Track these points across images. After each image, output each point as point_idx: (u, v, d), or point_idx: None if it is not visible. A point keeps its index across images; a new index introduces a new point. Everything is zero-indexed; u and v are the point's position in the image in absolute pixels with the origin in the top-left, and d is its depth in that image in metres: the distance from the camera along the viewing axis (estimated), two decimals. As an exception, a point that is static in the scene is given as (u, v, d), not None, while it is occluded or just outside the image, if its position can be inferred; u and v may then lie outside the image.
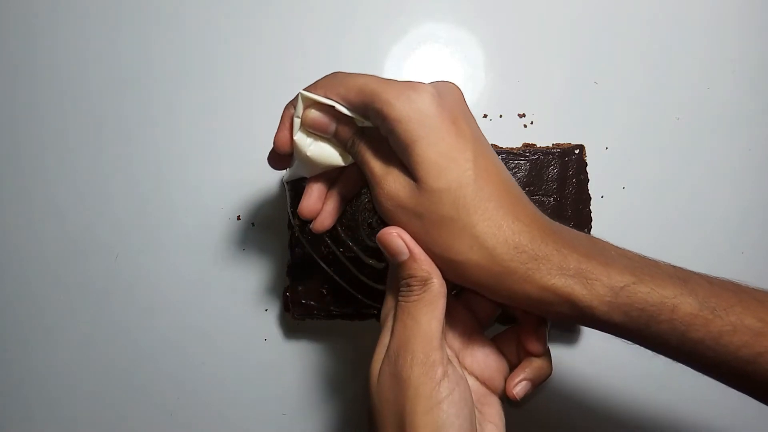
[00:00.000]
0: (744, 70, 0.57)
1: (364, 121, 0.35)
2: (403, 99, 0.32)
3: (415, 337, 0.32)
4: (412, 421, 0.30)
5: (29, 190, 0.58)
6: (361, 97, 0.33)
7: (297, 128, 0.36)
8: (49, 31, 0.59)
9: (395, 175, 0.33)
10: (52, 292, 0.57)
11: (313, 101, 0.35)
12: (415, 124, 0.32)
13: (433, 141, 0.32)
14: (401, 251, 0.33)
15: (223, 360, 0.55)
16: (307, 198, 0.39)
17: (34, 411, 0.56)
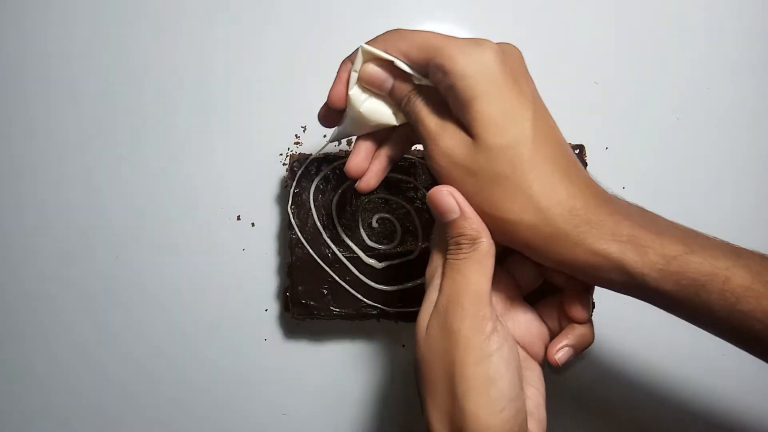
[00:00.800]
0: (744, 70, 0.57)
1: (422, 79, 0.34)
2: (467, 54, 0.32)
3: (465, 292, 0.32)
4: (462, 372, 0.31)
5: (29, 190, 0.58)
6: (423, 53, 0.33)
7: (353, 83, 0.37)
8: (48, 32, 0.59)
9: (451, 131, 0.33)
10: (52, 292, 0.57)
11: (373, 56, 0.35)
12: (477, 80, 0.31)
13: (494, 98, 0.32)
14: (452, 209, 0.33)
15: (223, 360, 0.55)
16: (355, 156, 0.39)
17: (33, 411, 0.56)
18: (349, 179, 0.49)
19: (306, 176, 0.50)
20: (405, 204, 0.50)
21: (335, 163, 0.50)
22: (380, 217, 0.50)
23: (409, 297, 0.49)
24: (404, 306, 0.49)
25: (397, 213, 0.50)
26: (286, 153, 0.56)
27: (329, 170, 0.50)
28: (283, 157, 0.56)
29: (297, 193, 0.50)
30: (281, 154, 0.57)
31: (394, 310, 0.49)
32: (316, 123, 0.56)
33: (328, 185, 0.50)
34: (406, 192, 0.50)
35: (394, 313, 0.49)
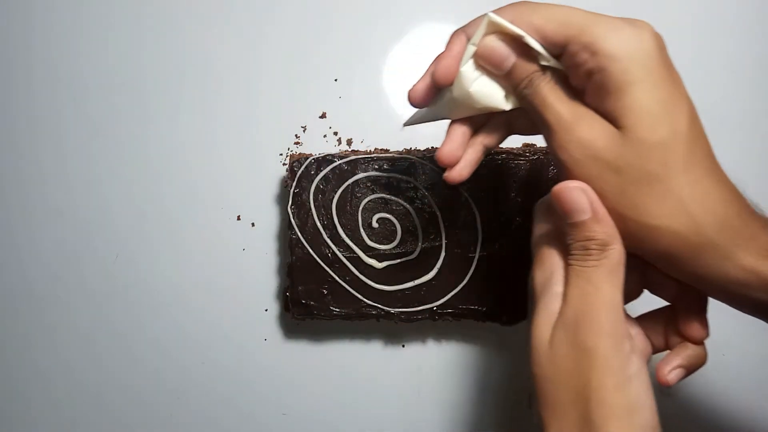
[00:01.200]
0: (744, 71, 0.57)
1: (551, 60, 0.30)
2: (623, 34, 0.28)
3: (598, 306, 0.29)
4: (601, 397, 0.27)
5: (29, 190, 0.58)
6: (563, 29, 0.29)
7: (468, 57, 0.32)
8: (48, 32, 0.59)
9: (591, 120, 0.29)
10: (52, 292, 0.57)
11: (499, 28, 0.31)
12: (634, 64, 0.28)
13: (652, 86, 0.28)
14: (583, 209, 0.29)
15: (223, 360, 0.55)
16: (450, 143, 0.35)
17: (33, 411, 0.56)
18: (349, 179, 0.50)
19: (306, 176, 0.50)
20: (405, 204, 0.50)
21: (335, 163, 0.50)
22: (380, 217, 0.50)
23: (409, 297, 0.49)
24: (404, 306, 0.49)
25: (397, 213, 0.50)
26: (286, 153, 0.56)
27: (329, 170, 0.50)
28: (283, 157, 0.57)
29: (297, 193, 0.50)
30: (281, 154, 0.57)
31: (394, 310, 0.49)
32: (316, 123, 0.57)
33: (328, 185, 0.50)
34: (406, 192, 0.50)
35: (394, 313, 0.49)
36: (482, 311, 0.49)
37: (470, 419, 0.54)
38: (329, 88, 0.57)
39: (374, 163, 0.50)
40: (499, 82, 0.33)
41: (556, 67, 0.31)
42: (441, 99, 0.34)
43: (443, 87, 0.34)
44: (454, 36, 0.33)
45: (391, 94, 0.57)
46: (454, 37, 0.33)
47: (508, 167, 0.50)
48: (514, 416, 0.54)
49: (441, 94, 0.34)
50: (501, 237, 0.49)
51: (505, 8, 0.31)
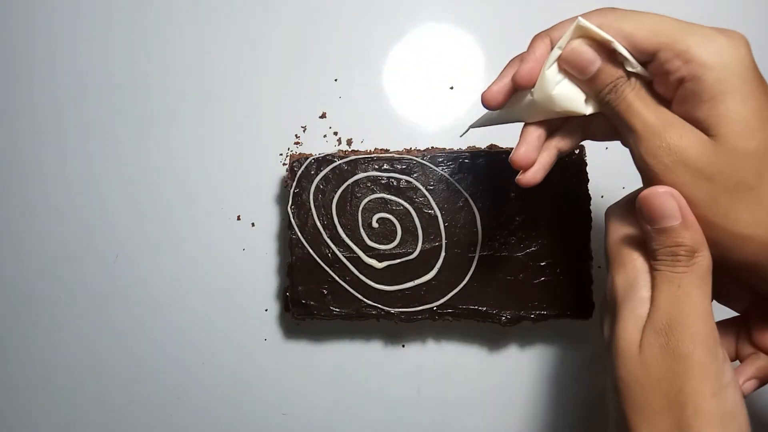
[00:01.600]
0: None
1: (637, 66, 0.30)
2: (718, 44, 0.28)
3: (690, 312, 0.29)
4: (698, 403, 0.27)
5: (29, 190, 0.58)
6: (655, 37, 0.29)
7: (552, 61, 0.32)
8: (48, 32, 0.59)
9: (682, 127, 0.29)
10: (52, 292, 0.57)
11: (586, 33, 0.31)
12: (729, 73, 0.28)
13: (746, 95, 0.28)
14: (673, 214, 0.29)
15: (223, 360, 0.55)
16: (525, 145, 0.34)
17: (33, 410, 0.56)
18: (349, 179, 0.50)
19: (306, 176, 0.50)
20: (405, 204, 0.50)
21: (335, 163, 0.50)
22: (380, 217, 0.50)
23: (409, 297, 0.49)
24: (404, 306, 0.49)
25: (397, 213, 0.50)
26: (286, 153, 0.57)
27: (329, 170, 0.50)
28: (283, 157, 0.57)
29: (297, 193, 0.50)
30: (281, 154, 0.57)
31: (394, 310, 0.49)
32: (316, 123, 0.57)
33: (328, 185, 0.50)
34: (406, 192, 0.50)
35: (394, 313, 0.49)
36: (482, 311, 0.49)
37: (470, 419, 0.54)
38: (329, 88, 0.57)
39: (374, 163, 0.50)
40: (581, 87, 0.33)
41: (642, 75, 0.31)
42: (518, 101, 0.34)
43: (523, 89, 0.33)
44: (537, 39, 0.33)
45: (391, 94, 0.57)
46: (537, 40, 0.33)
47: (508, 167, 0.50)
48: (515, 416, 0.54)
49: (517, 97, 0.34)
50: (501, 237, 0.49)
51: (593, 13, 0.31)
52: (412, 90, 0.57)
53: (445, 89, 0.57)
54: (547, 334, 0.54)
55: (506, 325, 0.49)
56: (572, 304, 0.49)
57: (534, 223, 0.50)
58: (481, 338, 0.55)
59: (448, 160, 0.50)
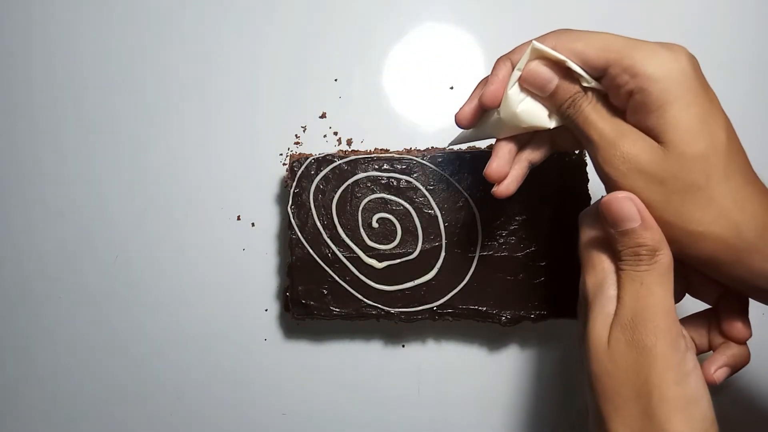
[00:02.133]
0: (743, 70, 0.57)
1: (591, 81, 0.33)
2: (661, 57, 0.31)
3: (652, 307, 0.31)
4: (662, 392, 0.29)
5: (29, 190, 0.58)
6: (604, 54, 0.32)
7: (513, 81, 0.35)
8: (48, 32, 0.59)
9: (634, 136, 0.32)
10: (52, 292, 0.57)
11: (542, 54, 0.33)
12: (673, 84, 0.30)
13: (690, 103, 0.30)
14: (632, 217, 0.31)
15: (222, 360, 0.55)
16: (497, 159, 0.37)
17: (33, 411, 0.56)
18: (349, 179, 0.50)
19: (306, 176, 0.50)
20: (405, 204, 0.50)
21: (335, 163, 0.50)
22: (380, 217, 0.50)
23: (409, 297, 0.49)
24: (404, 306, 0.49)
25: (397, 213, 0.50)
26: (286, 153, 0.57)
27: (329, 170, 0.50)
28: (283, 157, 0.57)
29: (297, 193, 0.50)
30: (281, 154, 0.57)
31: (394, 310, 0.49)
32: (316, 123, 0.57)
33: (328, 185, 0.50)
34: (406, 192, 0.50)
35: (394, 313, 0.49)
36: (482, 311, 0.49)
37: (470, 419, 0.54)
38: (329, 88, 0.57)
39: (374, 163, 0.50)
40: (543, 103, 0.35)
41: (597, 88, 0.33)
42: (487, 120, 0.37)
43: (490, 109, 0.36)
44: (499, 62, 0.36)
45: (391, 94, 0.57)
46: (499, 63, 0.36)
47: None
48: (515, 416, 0.54)
49: (487, 116, 0.37)
50: (501, 237, 0.49)
51: (548, 35, 0.34)
52: (412, 90, 0.57)
53: (445, 89, 0.57)
54: (547, 334, 0.54)
55: (506, 325, 0.49)
56: (572, 304, 0.49)
57: (534, 223, 0.50)
58: (481, 338, 0.55)
59: (448, 160, 0.50)
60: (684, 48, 0.32)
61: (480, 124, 0.38)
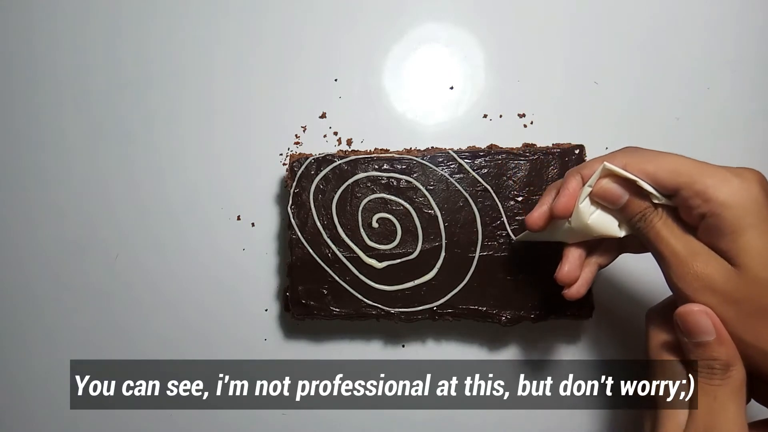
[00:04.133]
0: (744, 70, 0.57)
1: (662, 199, 0.34)
2: (733, 185, 0.32)
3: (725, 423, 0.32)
4: None
5: (29, 190, 0.58)
6: (674, 177, 0.33)
7: (584, 196, 0.36)
8: (48, 32, 0.59)
9: (707, 256, 0.33)
10: (52, 292, 0.57)
11: (613, 173, 0.35)
12: (745, 211, 0.32)
13: (763, 231, 0.32)
14: (708, 331, 0.32)
15: (223, 360, 0.55)
16: (568, 264, 0.39)
17: (33, 411, 0.56)
18: (349, 179, 0.50)
19: (306, 176, 0.50)
20: (405, 204, 0.50)
21: (335, 163, 0.50)
22: (380, 217, 0.50)
23: (409, 297, 0.49)
24: (404, 306, 0.49)
25: (397, 213, 0.50)
26: (286, 153, 0.57)
27: (329, 170, 0.50)
28: (283, 157, 0.57)
29: (297, 193, 0.50)
30: (281, 154, 0.57)
31: (394, 310, 0.49)
32: (316, 123, 0.57)
33: (328, 185, 0.50)
34: (406, 192, 0.50)
35: (394, 313, 0.49)
36: (482, 311, 0.49)
37: (470, 419, 0.54)
38: (329, 88, 0.57)
39: (374, 163, 0.50)
40: (613, 214, 0.37)
41: (668, 204, 0.35)
42: (558, 226, 0.39)
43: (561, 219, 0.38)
44: (570, 176, 0.38)
45: (391, 94, 0.57)
46: (570, 177, 0.38)
47: (508, 167, 0.50)
48: (515, 416, 0.54)
49: (557, 222, 0.38)
50: (501, 237, 0.49)
51: (617, 154, 0.36)
52: (412, 90, 0.57)
53: (445, 89, 0.57)
54: (547, 334, 0.54)
55: (506, 325, 0.49)
56: (572, 304, 0.49)
57: (534, 223, 0.50)
58: (481, 338, 0.55)
59: (448, 160, 0.50)
60: (755, 173, 0.33)
61: (550, 228, 0.39)
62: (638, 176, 0.35)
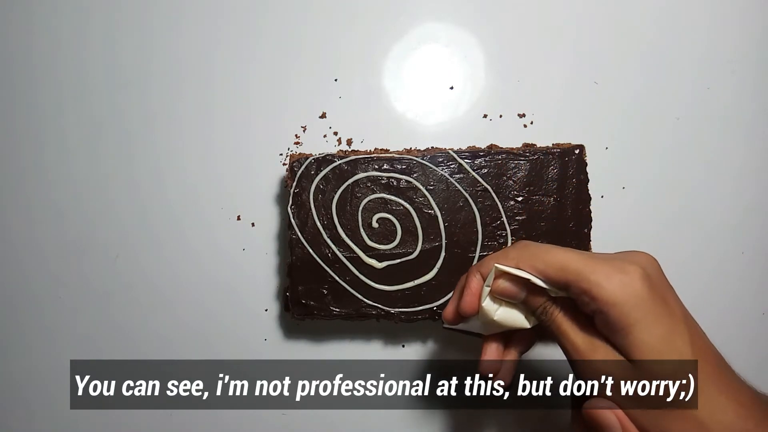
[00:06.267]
0: (744, 70, 0.57)
1: (558, 292, 0.35)
2: (615, 282, 0.32)
3: None
4: None
5: (29, 190, 0.58)
6: (562, 274, 0.34)
7: (485, 295, 0.37)
8: (49, 32, 0.59)
9: (604, 352, 0.33)
10: (52, 292, 0.57)
11: (506, 272, 0.36)
12: (630, 308, 0.31)
13: (650, 324, 0.31)
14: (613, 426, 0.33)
15: (223, 360, 0.55)
16: (487, 355, 0.39)
17: (33, 411, 0.56)
18: (349, 179, 0.50)
19: (306, 176, 0.50)
20: (405, 204, 0.50)
21: (335, 163, 0.50)
22: (380, 217, 0.50)
23: (409, 297, 0.49)
24: (404, 306, 0.49)
25: (397, 213, 0.50)
26: (286, 153, 0.57)
27: (329, 170, 0.50)
28: (283, 157, 0.57)
29: (297, 193, 0.50)
30: (281, 154, 0.57)
31: (394, 310, 0.49)
32: (316, 123, 0.57)
33: (328, 185, 0.50)
34: (406, 192, 0.50)
35: (394, 313, 0.49)
36: (482, 311, 0.49)
37: (470, 420, 0.54)
38: (329, 88, 0.57)
39: (374, 163, 0.50)
40: (518, 307, 0.37)
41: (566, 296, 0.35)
42: (473, 320, 0.39)
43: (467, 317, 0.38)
44: (470, 275, 0.38)
45: (391, 94, 0.57)
46: (471, 277, 0.38)
47: (508, 167, 0.50)
48: (515, 416, 0.54)
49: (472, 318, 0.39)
50: (501, 237, 0.49)
51: (511, 250, 0.36)
52: (412, 90, 0.57)
53: (445, 89, 0.57)
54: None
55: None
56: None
57: (534, 223, 0.50)
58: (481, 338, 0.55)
59: (448, 160, 0.50)
60: (636, 267, 0.32)
61: (466, 321, 0.39)
62: (531, 273, 0.35)
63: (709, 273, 0.56)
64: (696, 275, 0.56)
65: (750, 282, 0.56)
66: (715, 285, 0.56)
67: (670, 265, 0.59)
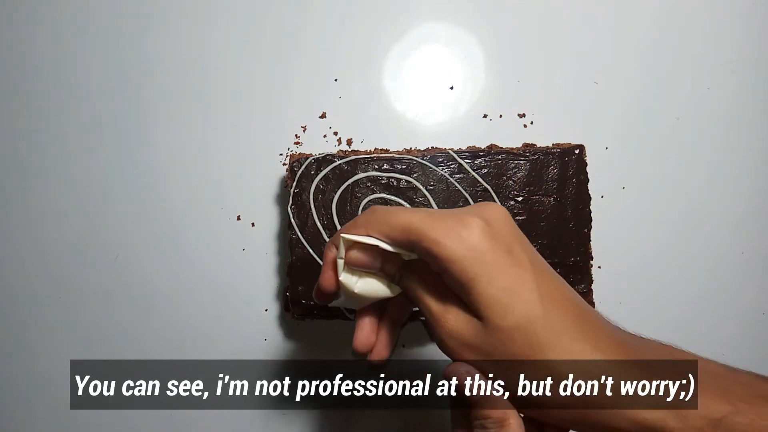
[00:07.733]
0: (744, 70, 0.57)
1: (410, 255, 0.33)
2: (453, 237, 0.30)
3: None
4: None
5: (29, 190, 0.58)
6: (406, 236, 0.32)
7: (341, 269, 0.35)
8: (49, 31, 0.59)
9: (455, 312, 0.32)
10: (52, 292, 0.57)
11: (355, 242, 0.34)
12: (469, 262, 0.30)
13: (492, 277, 0.30)
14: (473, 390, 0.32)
15: (223, 360, 0.55)
16: (360, 331, 0.37)
17: (33, 411, 0.56)
18: (349, 179, 0.50)
19: (306, 176, 0.50)
20: (405, 204, 0.50)
21: (335, 163, 0.50)
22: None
23: (409, 297, 0.49)
24: (404, 306, 0.49)
25: (397, 213, 0.50)
26: (286, 153, 0.57)
27: (329, 170, 0.50)
28: (283, 157, 0.57)
29: (297, 193, 0.50)
30: (281, 154, 0.57)
31: (394, 310, 0.49)
32: (316, 123, 0.57)
33: (328, 185, 0.50)
34: (406, 192, 0.50)
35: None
36: (482, 311, 0.49)
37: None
38: (329, 88, 0.57)
39: (374, 163, 0.50)
40: (380, 277, 0.35)
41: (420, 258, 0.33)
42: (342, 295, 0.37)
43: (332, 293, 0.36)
44: (327, 250, 0.36)
45: (391, 94, 0.57)
46: (327, 252, 0.36)
47: (508, 167, 0.50)
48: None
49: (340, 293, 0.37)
50: (501, 237, 0.49)
51: (358, 220, 0.34)
52: (412, 90, 0.57)
53: (445, 89, 0.57)
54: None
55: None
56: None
57: (534, 223, 0.50)
58: (481, 338, 0.55)
59: (448, 160, 0.50)
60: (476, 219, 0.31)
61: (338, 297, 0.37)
62: (379, 238, 0.33)
63: (709, 273, 0.56)
64: (696, 275, 0.56)
65: (750, 282, 0.56)
66: (715, 285, 0.56)
67: (670, 265, 0.59)
